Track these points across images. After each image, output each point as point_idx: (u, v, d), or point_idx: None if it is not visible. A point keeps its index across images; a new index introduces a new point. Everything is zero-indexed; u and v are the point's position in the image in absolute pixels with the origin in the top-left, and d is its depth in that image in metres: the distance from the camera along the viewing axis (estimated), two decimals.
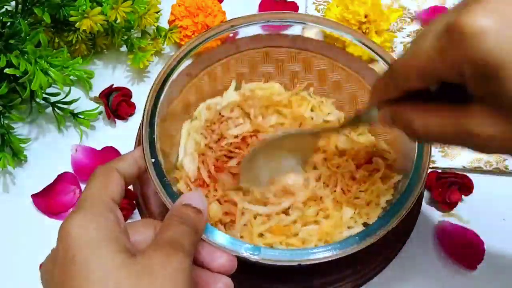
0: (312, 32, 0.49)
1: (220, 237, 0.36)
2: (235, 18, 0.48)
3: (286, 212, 0.44)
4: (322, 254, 0.36)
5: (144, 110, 0.42)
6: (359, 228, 0.43)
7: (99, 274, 0.29)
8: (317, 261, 0.36)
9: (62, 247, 0.30)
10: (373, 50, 0.46)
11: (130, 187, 0.49)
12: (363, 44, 0.47)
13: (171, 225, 0.33)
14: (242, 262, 0.36)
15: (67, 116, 0.55)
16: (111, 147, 0.54)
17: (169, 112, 0.45)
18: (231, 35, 0.47)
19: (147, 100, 0.42)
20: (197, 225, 0.34)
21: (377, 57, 0.46)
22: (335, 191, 0.45)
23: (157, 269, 0.29)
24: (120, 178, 0.36)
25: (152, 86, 0.43)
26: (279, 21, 0.48)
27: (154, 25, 0.57)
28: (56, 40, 0.57)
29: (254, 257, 0.35)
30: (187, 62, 0.45)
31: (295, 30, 0.53)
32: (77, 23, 0.51)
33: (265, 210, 0.44)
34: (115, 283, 0.29)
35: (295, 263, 0.36)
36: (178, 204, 0.35)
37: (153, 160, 0.39)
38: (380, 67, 0.46)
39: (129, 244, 0.32)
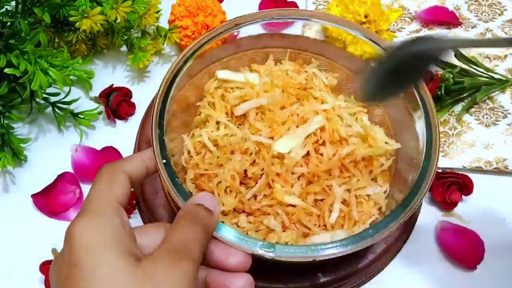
0: (312, 32, 0.49)
1: (232, 235, 0.35)
2: (239, 17, 0.47)
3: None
4: (337, 250, 0.35)
5: (153, 111, 0.41)
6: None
7: (102, 278, 0.29)
8: (332, 256, 0.35)
9: (68, 250, 0.30)
10: (379, 45, 0.46)
11: None
12: (370, 39, 0.46)
13: (182, 225, 0.32)
14: None
15: (67, 116, 0.55)
16: (111, 147, 0.54)
17: (171, 112, 0.45)
18: (235, 33, 0.47)
19: (155, 101, 0.41)
20: (208, 225, 0.33)
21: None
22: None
23: (162, 276, 0.29)
24: (126, 178, 0.35)
25: (160, 87, 0.42)
26: (285, 18, 0.48)
27: (154, 25, 0.57)
28: (56, 40, 0.57)
29: (269, 255, 0.34)
30: (188, 62, 0.45)
31: (295, 30, 0.53)
32: (77, 23, 0.51)
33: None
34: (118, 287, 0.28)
35: (310, 259, 0.35)
36: (190, 203, 0.34)
37: (164, 161, 0.38)
38: None
39: (135, 247, 0.32)
